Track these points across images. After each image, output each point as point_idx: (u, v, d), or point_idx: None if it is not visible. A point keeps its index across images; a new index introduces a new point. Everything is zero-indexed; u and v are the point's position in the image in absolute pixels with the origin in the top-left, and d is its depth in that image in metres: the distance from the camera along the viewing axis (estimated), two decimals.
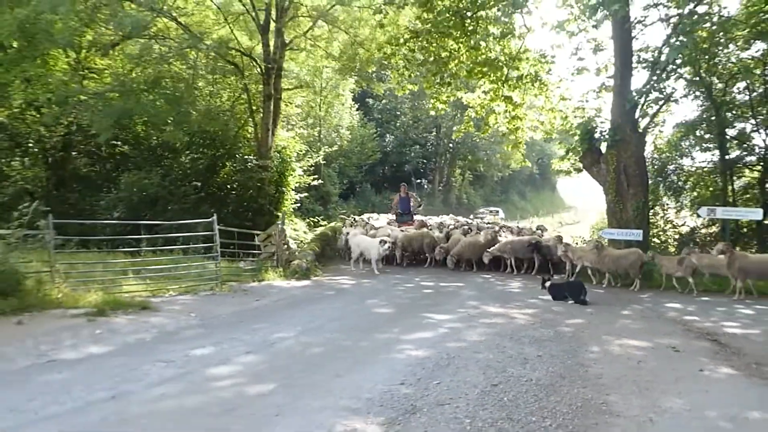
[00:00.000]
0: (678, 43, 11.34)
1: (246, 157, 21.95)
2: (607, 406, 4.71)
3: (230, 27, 21.46)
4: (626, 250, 13.17)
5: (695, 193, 23.69)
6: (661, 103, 17.29)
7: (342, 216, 30.53)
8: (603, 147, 16.58)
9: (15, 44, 16.22)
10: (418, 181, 49.93)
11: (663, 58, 16.15)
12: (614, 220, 16.21)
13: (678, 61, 15.48)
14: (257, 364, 5.92)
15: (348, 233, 16.62)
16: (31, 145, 19.43)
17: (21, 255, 8.43)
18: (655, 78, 16.42)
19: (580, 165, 17.85)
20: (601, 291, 12.65)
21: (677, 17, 15.57)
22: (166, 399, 4.74)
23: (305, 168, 25.52)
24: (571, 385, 5.26)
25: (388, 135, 48.39)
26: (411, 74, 21.12)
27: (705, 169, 22.96)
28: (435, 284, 13.15)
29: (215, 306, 9.41)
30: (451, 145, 51.61)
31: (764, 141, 20.70)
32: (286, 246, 14.19)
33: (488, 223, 21.71)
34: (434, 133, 51.43)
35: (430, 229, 17.39)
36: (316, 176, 27.80)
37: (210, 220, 11.54)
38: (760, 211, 14.80)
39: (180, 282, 11.18)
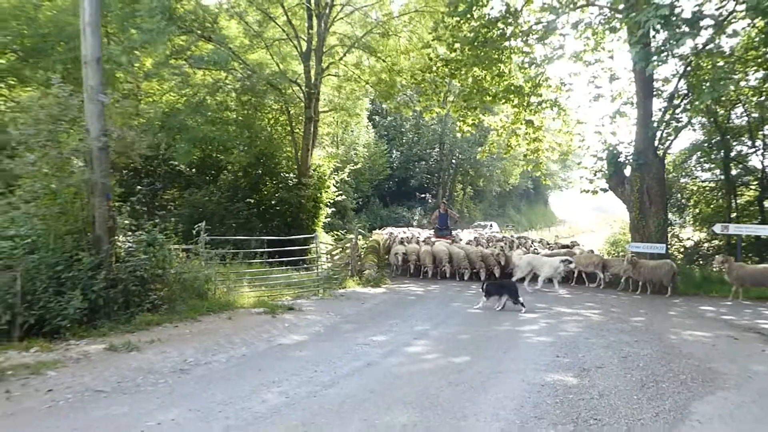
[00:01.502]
0: (715, 89, 13.37)
1: (286, 175, 23.87)
2: (714, 369, 6.68)
3: (271, 54, 23.37)
4: (660, 261, 15.23)
5: (697, 210, 26.03)
6: (678, 130, 19.48)
7: (359, 230, 32.50)
8: (627, 170, 18.71)
9: None
10: (423, 195, 52.04)
11: (678, 90, 18.47)
12: (638, 235, 18.27)
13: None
14: (434, 345, 7.83)
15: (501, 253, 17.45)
16: None
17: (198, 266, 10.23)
18: (672, 109, 18.69)
19: (605, 185, 19.97)
20: (638, 297, 14.68)
21: (693, 55, 17.80)
22: (405, 365, 6.65)
23: (335, 185, 27.43)
24: (678, 358, 7.22)
25: (394, 151, 50.44)
26: (439, 99, 23.15)
27: (707, 188, 25.35)
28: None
29: (338, 307, 11.23)
30: (453, 161, 53.90)
31: (761, 162, 23.05)
32: (358, 257, 16.06)
33: (518, 236, 23.73)
34: (437, 149, 53.58)
35: (479, 244, 19.22)
36: (340, 192, 29.69)
37: (313, 236, 13.41)
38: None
39: (289, 289, 12.99)
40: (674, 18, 12.51)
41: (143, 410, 4.86)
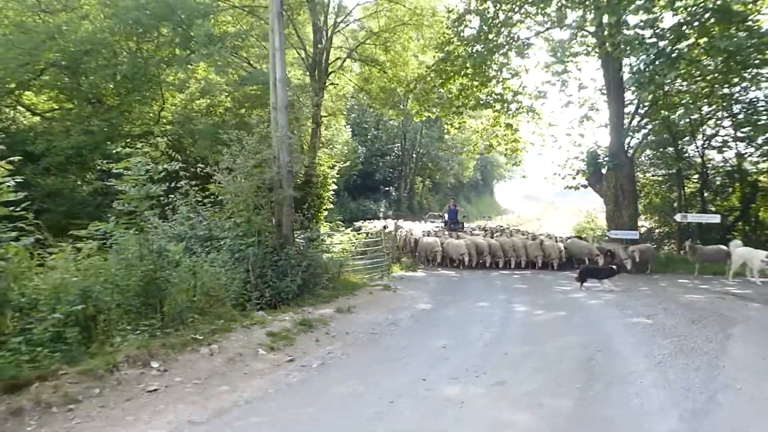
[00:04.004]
0: (692, 105, 17.26)
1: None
2: (724, 314, 10.06)
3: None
4: (644, 245, 18.95)
5: (648, 200, 30.27)
6: (645, 136, 23.43)
7: (338, 220, 35.75)
8: (603, 170, 22.46)
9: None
10: (387, 188, 55.36)
11: (642, 103, 22.37)
12: (613, 224, 22.09)
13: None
14: (529, 307, 11.02)
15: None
16: None
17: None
18: (640, 117, 22.62)
19: (584, 182, 23.66)
20: (626, 274, 18.23)
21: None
22: (530, 317, 9.86)
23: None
24: (698, 310, 10.61)
25: (360, 147, 53.44)
26: (428, 105, 26.40)
27: (656, 182, 29.62)
28: (509, 274, 18.36)
29: (415, 286, 14.23)
30: (414, 155, 57.44)
31: (701, 158, 27.32)
32: (396, 246, 19.11)
33: (502, 227, 27.38)
34: (398, 145, 56.91)
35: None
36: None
37: (378, 232, 16.34)
38: (718, 216, 21.11)
39: (365, 273, 15.89)
40: (662, 57, 16.15)
41: (417, 341, 7.84)
